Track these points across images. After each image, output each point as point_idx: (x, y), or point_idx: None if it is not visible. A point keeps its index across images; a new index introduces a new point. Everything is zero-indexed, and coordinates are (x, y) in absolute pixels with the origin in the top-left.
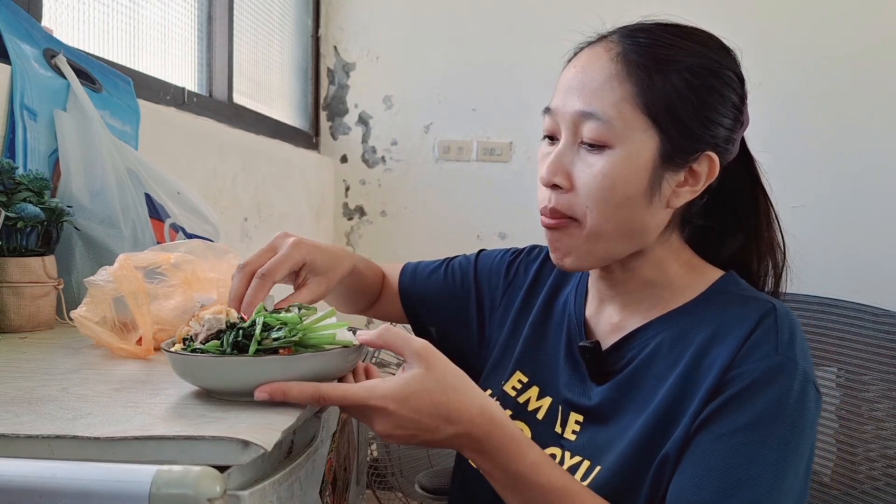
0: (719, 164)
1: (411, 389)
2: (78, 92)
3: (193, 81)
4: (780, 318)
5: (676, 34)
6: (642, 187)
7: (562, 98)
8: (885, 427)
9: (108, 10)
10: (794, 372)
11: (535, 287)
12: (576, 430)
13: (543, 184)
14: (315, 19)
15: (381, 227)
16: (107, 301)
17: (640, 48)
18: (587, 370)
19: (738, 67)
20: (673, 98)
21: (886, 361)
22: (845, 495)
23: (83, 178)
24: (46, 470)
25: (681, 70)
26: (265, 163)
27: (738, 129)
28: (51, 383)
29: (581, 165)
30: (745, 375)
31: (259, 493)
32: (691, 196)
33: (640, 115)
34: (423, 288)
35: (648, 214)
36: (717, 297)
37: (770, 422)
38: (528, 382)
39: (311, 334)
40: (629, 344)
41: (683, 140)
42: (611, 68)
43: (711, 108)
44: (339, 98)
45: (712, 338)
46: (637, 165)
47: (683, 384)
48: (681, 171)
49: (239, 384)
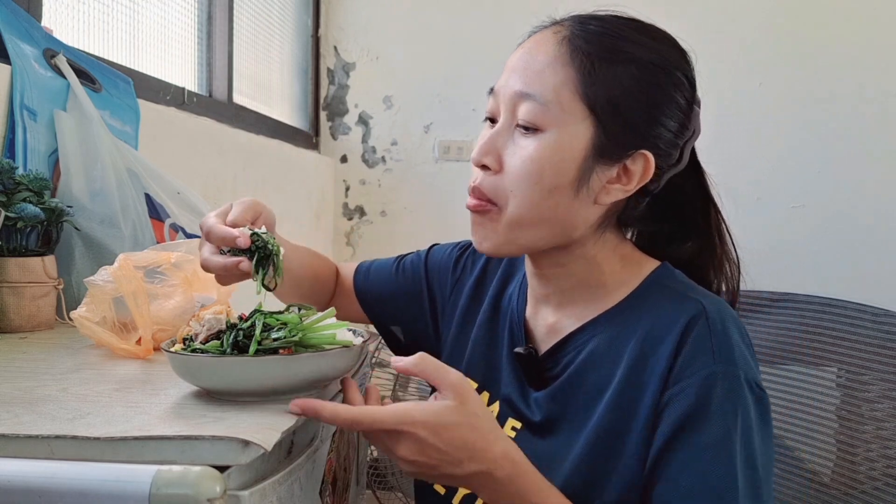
0: (657, 167)
1: (445, 421)
2: (78, 92)
3: (193, 81)
4: (712, 321)
5: (630, 27)
6: (570, 177)
7: (504, 79)
8: (885, 427)
9: (108, 10)
10: (735, 379)
11: (481, 284)
12: (511, 436)
13: (473, 163)
14: (315, 19)
15: (381, 227)
16: (107, 301)
17: (589, 35)
18: (524, 376)
19: (690, 71)
20: (616, 90)
21: (886, 361)
22: (845, 495)
23: (83, 178)
24: (46, 470)
25: (628, 63)
26: (265, 163)
27: (685, 136)
28: (51, 383)
29: (513, 148)
30: (688, 393)
31: (259, 493)
32: (622, 195)
33: (578, 102)
34: (376, 287)
35: (574, 208)
36: (649, 294)
37: (724, 437)
38: (476, 388)
39: (311, 334)
40: (564, 349)
41: (621, 134)
42: (555, 51)
43: (655, 106)
44: (339, 98)
45: (644, 346)
46: (568, 154)
47: (622, 399)
48: (613, 166)
49: (239, 384)
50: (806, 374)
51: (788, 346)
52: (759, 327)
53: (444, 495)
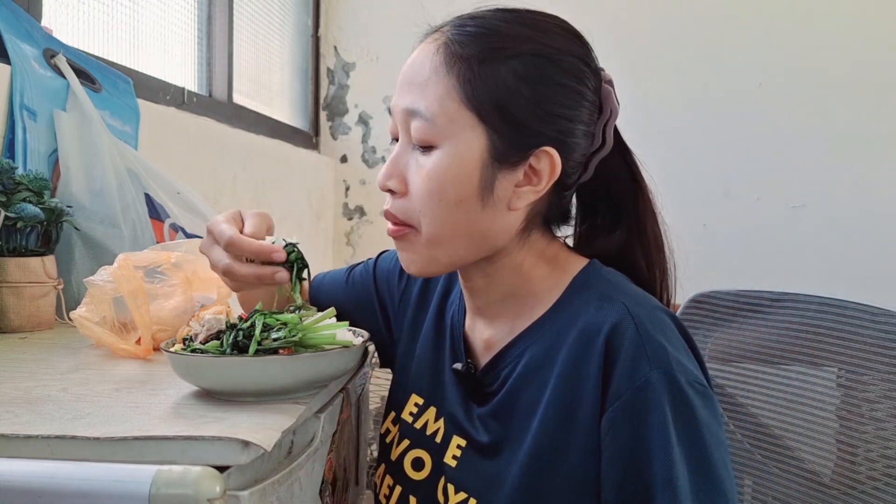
0: (573, 158)
1: None
2: (78, 92)
3: (193, 81)
4: (639, 321)
5: (509, 20)
6: (473, 189)
7: (396, 96)
8: (886, 427)
9: (108, 9)
10: (673, 384)
11: (425, 293)
12: (457, 454)
13: (379, 188)
14: (315, 19)
15: (381, 227)
16: (106, 301)
17: (466, 37)
18: (466, 392)
19: (586, 54)
20: (500, 91)
21: (886, 361)
22: (845, 495)
23: (83, 178)
24: (46, 470)
25: (509, 59)
26: (265, 163)
27: (598, 121)
28: (50, 383)
29: (414, 167)
30: (628, 415)
31: (259, 493)
32: (534, 196)
33: (464, 110)
34: (330, 299)
35: (487, 218)
36: (574, 298)
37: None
38: (423, 404)
39: (311, 334)
40: (500, 363)
41: (515, 136)
42: (434, 61)
43: (548, 100)
44: (339, 98)
45: (572, 357)
46: (465, 165)
47: (557, 413)
48: (517, 169)
49: (239, 384)
50: (806, 374)
51: (788, 346)
52: (759, 327)
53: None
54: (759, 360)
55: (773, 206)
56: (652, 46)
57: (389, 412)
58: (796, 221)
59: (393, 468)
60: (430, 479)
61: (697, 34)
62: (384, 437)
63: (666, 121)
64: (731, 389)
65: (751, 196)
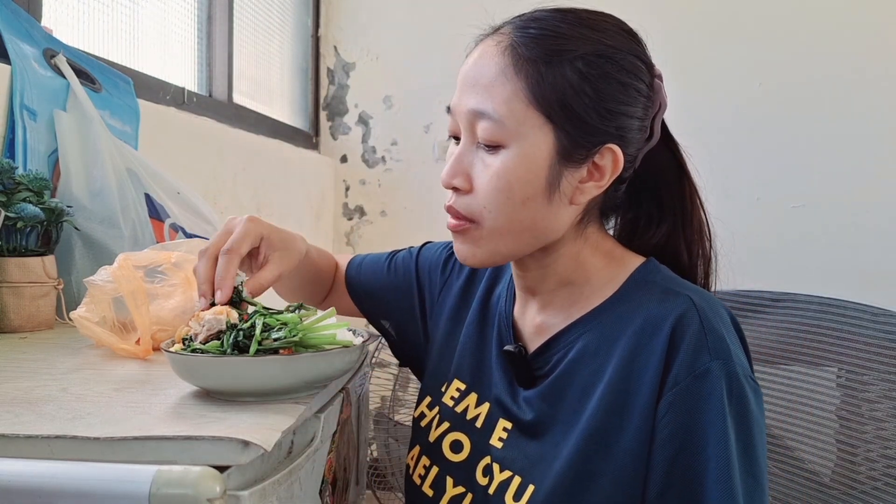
0: (630, 153)
1: None
2: (78, 92)
3: (193, 81)
4: (703, 314)
5: (570, 22)
6: (541, 187)
7: (458, 97)
8: (886, 427)
9: (107, 9)
10: (733, 377)
11: (470, 285)
12: (503, 437)
13: (444, 185)
14: (315, 19)
15: (381, 227)
16: (106, 301)
17: (530, 40)
18: (514, 374)
19: (642, 51)
20: (566, 91)
21: (886, 361)
22: (845, 495)
23: (83, 178)
24: (46, 470)
25: (573, 60)
26: (265, 163)
27: (651, 115)
28: (50, 383)
29: (480, 166)
30: (686, 399)
31: (259, 493)
32: (597, 191)
33: (532, 111)
34: (368, 282)
35: (551, 213)
36: (635, 291)
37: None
38: (465, 390)
39: (311, 334)
40: (553, 348)
41: (581, 135)
42: (500, 63)
43: (611, 98)
44: (339, 98)
45: (634, 344)
46: (533, 164)
47: (614, 397)
48: (582, 166)
49: (239, 384)
50: (806, 374)
51: (788, 346)
52: (760, 327)
53: (432, 497)
54: (759, 360)
55: (773, 206)
56: (652, 46)
57: (424, 397)
58: (796, 221)
59: (429, 450)
60: (469, 460)
61: (697, 34)
62: (418, 420)
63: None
64: None
65: (751, 196)
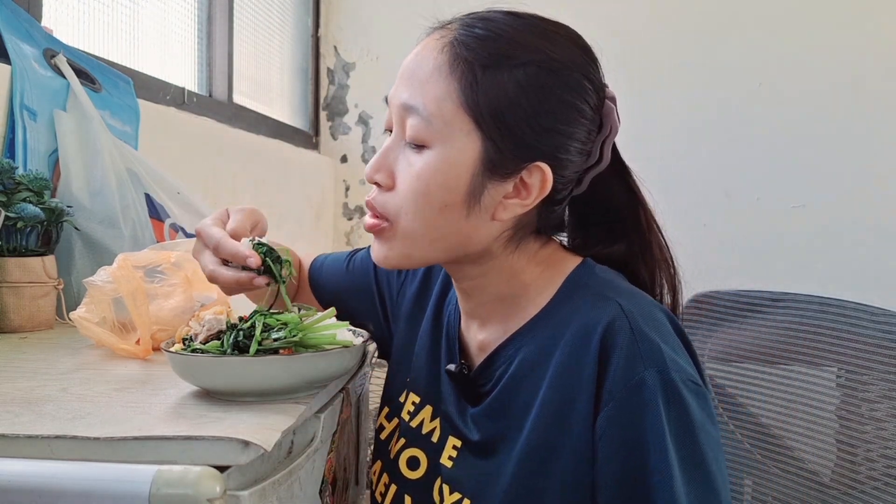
0: (565, 175)
1: None
2: (78, 92)
3: (193, 81)
4: (633, 320)
5: (519, 27)
6: (460, 195)
7: (394, 88)
8: (886, 427)
9: (108, 9)
10: (669, 383)
11: (425, 289)
12: (452, 455)
13: (367, 180)
14: (315, 19)
15: None
16: (106, 301)
17: (473, 39)
18: (460, 392)
19: (593, 71)
20: (500, 100)
21: (886, 361)
22: (845, 495)
23: (83, 178)
24: (46, 470)
25: (513, 68)
26: (265, 163)
27: (597, 138)
28: (50, 383)
29: (404, 164)
30: (623, 414)
31: (259, 493)
32: (521, 210)
33: (462, 114)
34: (329, 283)
35: (469, 226)
36: (569, 297)
37: (669, 448)
38: (419, 403)
39: (311, 334)
40: (495, 363)
41: (510, 148)
42: (438, 59)
43: (548, 114)
44: (339, 98)
45: (566, 356)
46: (455, 171)
47: (550, 413)
48: (507, 181)
49: (239, 384)
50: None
51: (788, 346)
52: (759, 327)
53: None
54: (759, 360)
55: (773, 206)
56: (652, 46)
57: (383, 407)
58: (796, 221)
59: (389, 466)
60: (426, 478)
61: (698, 34)
62: (378, 432)
63: (666, 120)
64: (731, 389)
65: (751, 196)
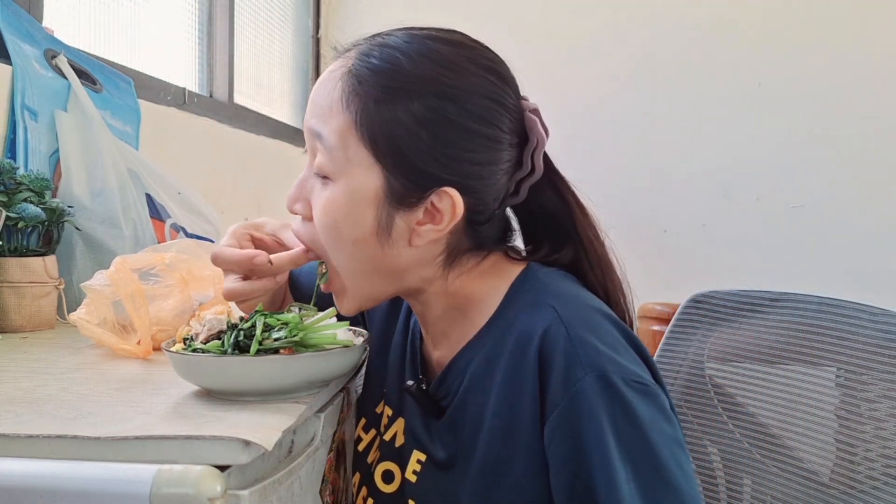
0: (480, 197)
1: None
2: (79, 92)
3: (194, 82)
4: (569, 325)
5: (415, 55)
6: (369, 228)
7: (307, 111)
8: (885, 427)
9: (108, 10)
10: (611, 384)
11: (394, 304)
12: (416, 469)
13: (288, 209)
14: (315, 20)
15: None
16: (105, 304)
17: (368, 71)
18: (422, 407)
19: (500, 93)
20: (397, 133)
21: (886, 361)
22: (844, 495)
23: (84, 178)
24: (47, 469)
25: (409, 101)
26: (265, 163)
27: (525, 149)
28: (51, 383)
29: (317, 196)
30: (567, 415)
31: (259, 492)
32: (436, 235)
33: (361, 148)
34: (307, 287)
35: (390, 255)
36: (510, 305)
37: (613, 452)
38: (392, 416)
39: (311, 334)
40: (449, 378)
41: (413, 178)
42: (336, 89)
43: (451, 144)
44: None
45: (510, 366)
46: (360, 205)
47: (500, 424)
48: (416, 209)
49: (240, 384)
50: (805, 373)
51: (788, 345)
52: (759, 327)
53: None
54: (758, 359)
55: (772, 206)
56: (652, 46)
57: (360, 418)
58: (796, 221)
59: (367, 478)
60: (399, 492)
61: (698, 34)
62: (356, 443)
63: (666, 121)
64: (730, 389)
65: (751, 196)
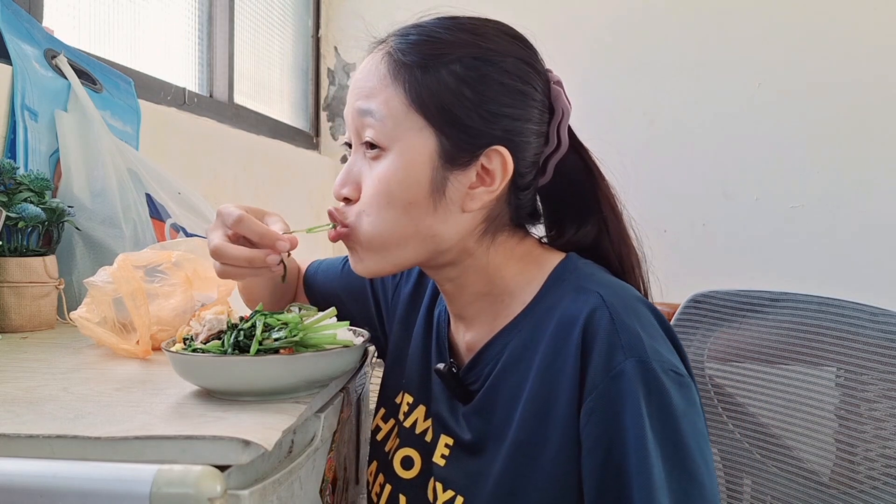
0: (526, 157)
1: None
2: (79, 92)
3: (194, 82)
4: (614, 311)
5: (448, 27)
6: (424, 191)
7: (348, 103)
8: (884, 427)
9: (108, 10)
10: (649, 372)
11: (418, 292)
12: (445, 454)
13: (335, 196)
14: (315, 20)
15: None
16: (106, 302)
17: (408, 46)
18: (450, 392)
19: (530, 55)
20: (443, 94)
21: (886, 361)
22: (844, 494)
23: (84, 178)
24: (47, 470)
25: (449, 63)
26: (265, 163)
27: (551, 122)
28: (51, 383)
29: (367, 173)
30: (607, 397)
31: (259, 492)
32: (489, 197)
33: (412, 114)
34: (324, 286)
35: (439, 220)
36: (552, 292)
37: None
38: (413, 403)
39: (311, 334)
40: (481, 362)
41: (463, 137)
42: (381, 70)
43: (492, 100)
44: (339, 98)
45: (550, 350)
46: (414, 168)
47: (535, 407)
48: (469, 170)
49: (240, 384)
50: (805, 373)
51: (788, 345)
52: (759, 327)
53: None
54: (758, 359)
55: (772, 206)
56: (652, 46)
57: (379, 409)
58: (796, 221)
59: (384, 466)
60: (420, 478)
61: (697, 34)
62: (374, 433)
63: (666, 120)
64: (730, 389)
65: (750, 196)
